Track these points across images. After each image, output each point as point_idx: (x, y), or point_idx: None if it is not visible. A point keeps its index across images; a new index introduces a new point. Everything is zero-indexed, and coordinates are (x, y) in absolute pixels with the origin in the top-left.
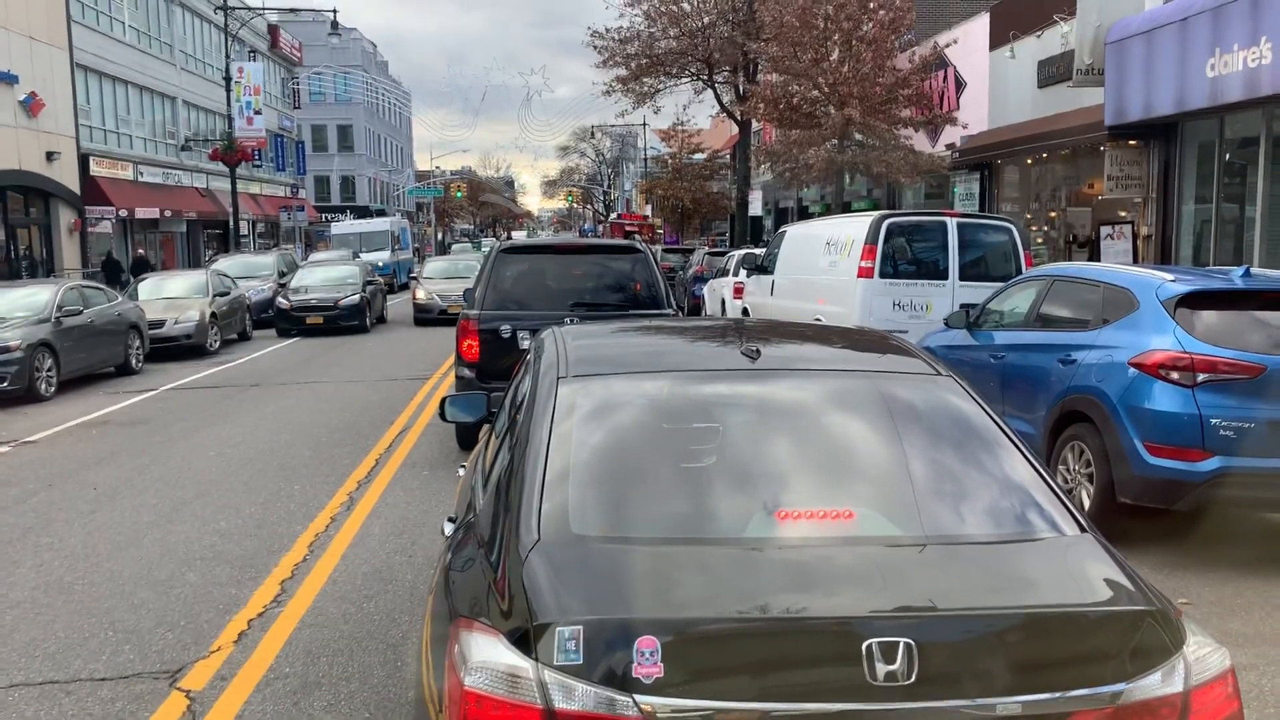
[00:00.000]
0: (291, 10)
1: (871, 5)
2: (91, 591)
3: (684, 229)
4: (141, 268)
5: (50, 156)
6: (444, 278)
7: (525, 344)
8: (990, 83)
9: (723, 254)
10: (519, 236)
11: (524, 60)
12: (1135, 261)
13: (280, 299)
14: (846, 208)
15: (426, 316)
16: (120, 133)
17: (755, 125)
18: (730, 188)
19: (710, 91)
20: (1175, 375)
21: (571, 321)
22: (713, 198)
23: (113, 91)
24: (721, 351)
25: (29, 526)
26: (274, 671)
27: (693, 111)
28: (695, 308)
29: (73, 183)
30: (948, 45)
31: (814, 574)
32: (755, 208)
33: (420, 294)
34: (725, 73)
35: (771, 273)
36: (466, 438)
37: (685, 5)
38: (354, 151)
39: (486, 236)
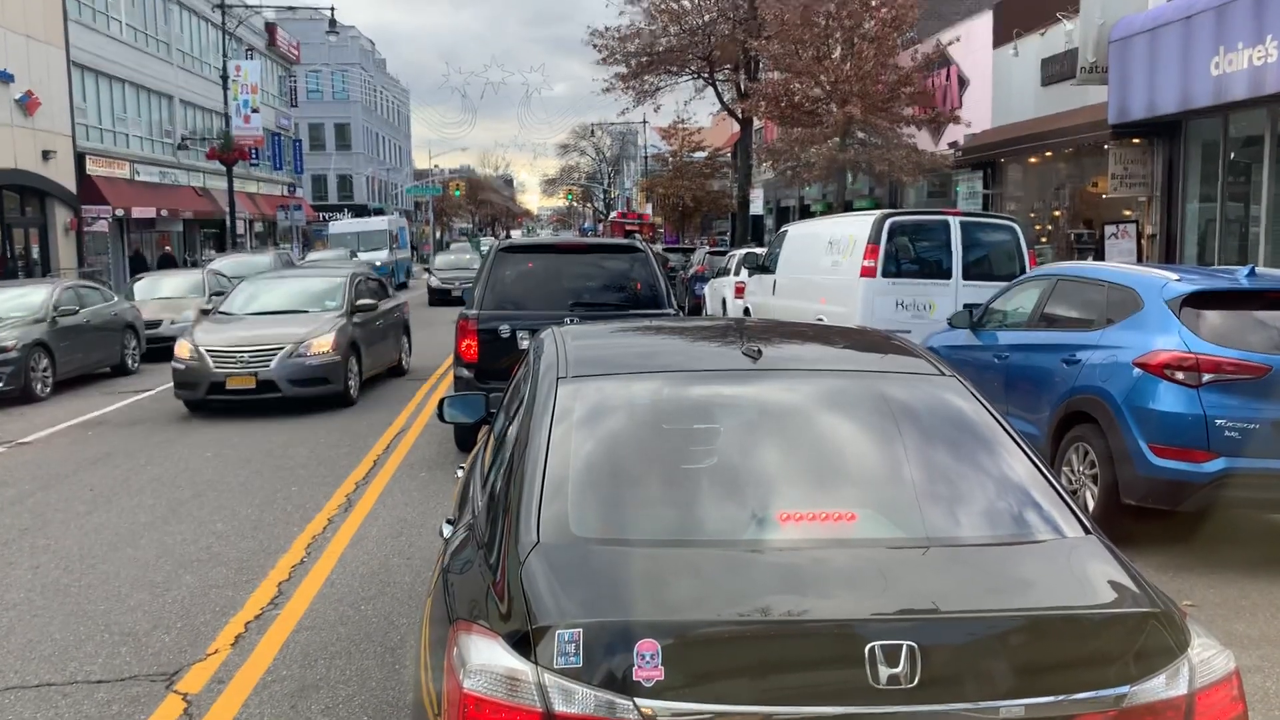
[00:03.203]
0: (289, 8)
1: (873, 3)
2: (88, 593)
3: (685, 228)
4: (166, 264)
5: (46, 155)
6: (251, 314)
7: (524, 344)
8: (993, 81)
9: (724, 253)
10: (517, 235)
11: (520, 58)
12: (1140, 261)
13: None
14: (848, 206)
15: (190, 397)
16: (117, 131)
17: (756, 123)
18: (731, 186)
19: (711, 89)
20: (1180, 375)
21: (571, 321)
22: (714, 196)
23: (109, 90)
24: (722, 352)
25: (25, 528)
26: (271, 674)
27: (693, 109)
28: (696, 307)
29: (69, 182)
30: (950, 43)
31: (816, 576)
32: (756, 206)
33: (184, 349)
34: (726, 70)
35: (773, 272)
36: (465, 439)
37: (685, 3)
38: (352, 150)
39: (485, 235)
